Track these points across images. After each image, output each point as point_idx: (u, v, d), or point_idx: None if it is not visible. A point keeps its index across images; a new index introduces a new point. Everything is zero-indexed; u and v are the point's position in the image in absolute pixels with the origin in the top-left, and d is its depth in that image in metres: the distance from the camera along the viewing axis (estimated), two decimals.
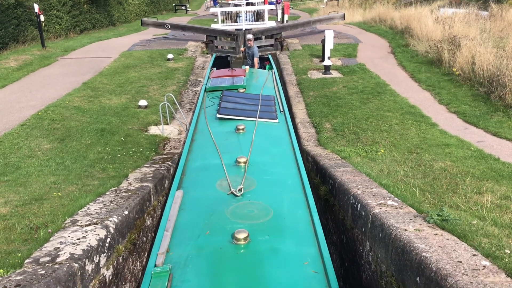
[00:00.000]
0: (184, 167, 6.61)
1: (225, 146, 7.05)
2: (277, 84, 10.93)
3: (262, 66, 14.28)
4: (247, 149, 6.83)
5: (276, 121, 8.21)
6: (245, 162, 6.40)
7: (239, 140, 7.30)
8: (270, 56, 14.74)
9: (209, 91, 10.22)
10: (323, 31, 15.63)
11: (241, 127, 7.58)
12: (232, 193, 5.60)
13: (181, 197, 5.67)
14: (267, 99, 9.20)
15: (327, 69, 13.64)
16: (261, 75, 11.97)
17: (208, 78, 11.44)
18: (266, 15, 23.36)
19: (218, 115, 8.13)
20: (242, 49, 14.39)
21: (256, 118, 8.09)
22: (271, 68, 13.50)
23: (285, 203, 5.56)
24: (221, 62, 14.57)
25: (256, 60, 13.25)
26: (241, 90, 9.83)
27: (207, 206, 5.48)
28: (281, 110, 8.93)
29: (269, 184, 5.98)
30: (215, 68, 12.78)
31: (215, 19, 25.52)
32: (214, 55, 16.01)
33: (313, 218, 5.16)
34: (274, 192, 5.79)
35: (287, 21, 25.23)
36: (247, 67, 11.90)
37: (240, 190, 5.64)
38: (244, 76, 10.76)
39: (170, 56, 16.63)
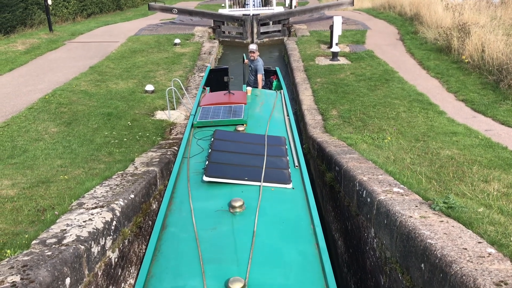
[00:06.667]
0: None
1: (211, 245, 4.43)
2: (288, 115, 7.75)
3: (267, 83, 11.02)
4: (246, 251, 4.29)
5: (290, 186, 5.43)
6: None
7: (233, 231, 4.72)
8: (278, 69, 11.19)
9: (198, 126, 7.09)
10: (331, 17, 15.49)
11: (237, 204, 4.92)
12: None
13: None
14: (276, 144, 6.45)
15: (335, 55, 13.56)
16: (266, 99, 8.70)
17: (198, 105, 8.07)
18: (274, 0, 23.19)
19: (206, 178, 5.40)
20: (246, 61, 10.79)
21: (260, 181, 5.39)
22: (279, 87, 10.25)
23: None
24: (216, 77, 10.72)
25: (260, 77, 10.24)
26: (240, 128, 6.87)
27: None
28: (296, 164, 6.04)
29: None
30: (208, 89, 9.55)
31: (223, 4, 25.35)
32: (209, 67, 12.05)
33: None
34: None
35: (295, 6, 25.02)
36: (249, 88, 8.85)
37: None
38: (245, 103, 7.79)
39: (177, 41, 16.60)
